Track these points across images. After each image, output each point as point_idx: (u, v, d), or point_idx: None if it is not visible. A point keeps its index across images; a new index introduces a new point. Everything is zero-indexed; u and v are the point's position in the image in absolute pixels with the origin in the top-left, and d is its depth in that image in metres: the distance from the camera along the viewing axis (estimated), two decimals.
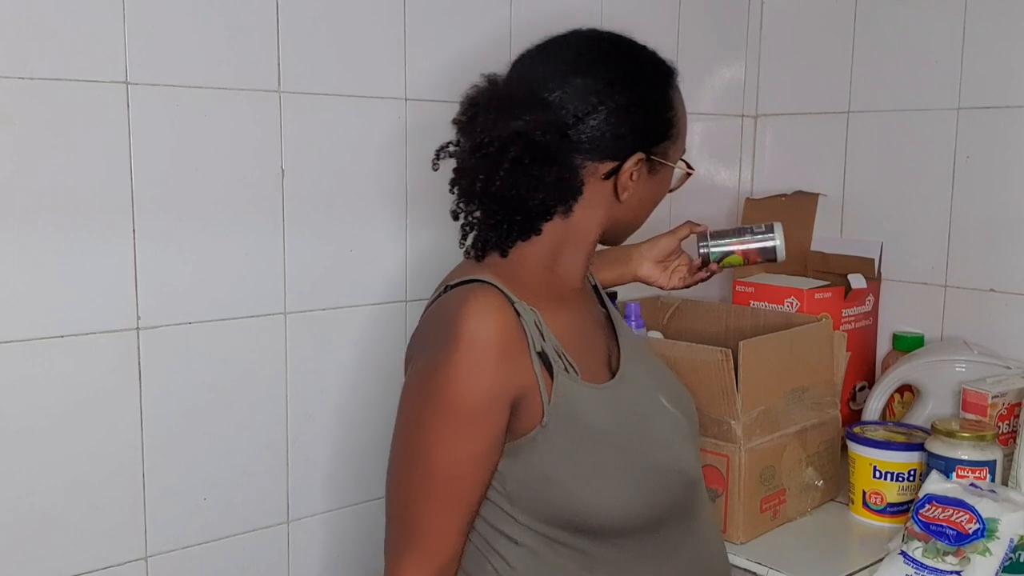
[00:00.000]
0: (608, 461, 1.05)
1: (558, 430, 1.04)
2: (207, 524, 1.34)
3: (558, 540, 1.06)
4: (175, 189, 1.26)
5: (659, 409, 1.14)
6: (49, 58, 1.14)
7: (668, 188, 1.18)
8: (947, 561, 1.22)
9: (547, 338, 1.05)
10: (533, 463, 1.04)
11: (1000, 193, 1.67)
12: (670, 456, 1.11)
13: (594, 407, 1.07)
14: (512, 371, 1.02)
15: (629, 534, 1.07)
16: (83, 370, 1.21)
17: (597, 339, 1.16)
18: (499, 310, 1.03)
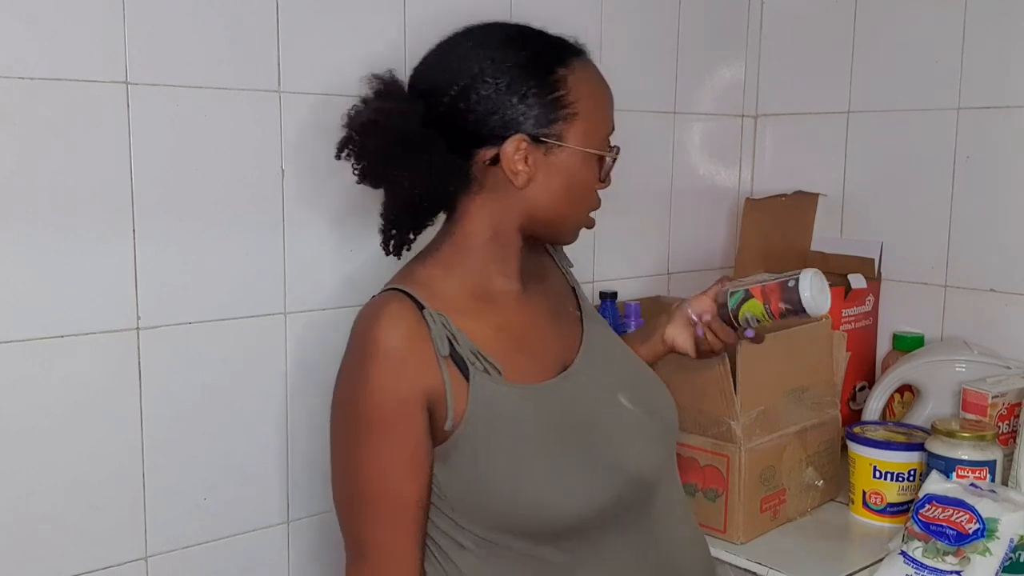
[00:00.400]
0: (536, 462, 1.04)
1: (478, 433, 1.04)
2: (207, 524, 1.34)
3: (502, 544, 1.05)
4: (175, 189, 1.26)
5: (612, 407, 1.12)
6: (49, 58, 1.14)
7: (591, 174, 1.10)
8: (947, 561, 1.22)
9: (461, 341, 1.05)
10: (461, 468, 1.05)
11: (1000, 193, 1.67)
12: (613, 456, 1.08)
13: (520, 407, 1.06)
14: (418, 376, 1.02)
15: (571, 536, 1.05)
16: (83, 370, 1.21)
17: (544, 338, 1.14)
18: (402, 318, 1.04)
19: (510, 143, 1.05)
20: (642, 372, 1.21)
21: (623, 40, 1.76)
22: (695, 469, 1.42)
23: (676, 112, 1.89)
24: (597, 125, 1.10)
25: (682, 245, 1.94)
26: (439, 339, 1.03)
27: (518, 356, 1.10)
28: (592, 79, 1.12)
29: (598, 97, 1.12)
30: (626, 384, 1.16)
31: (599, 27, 1.72)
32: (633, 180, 1.83)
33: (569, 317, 1.20)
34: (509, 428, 1.05)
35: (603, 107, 1.12)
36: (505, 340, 1.10)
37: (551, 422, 1.07)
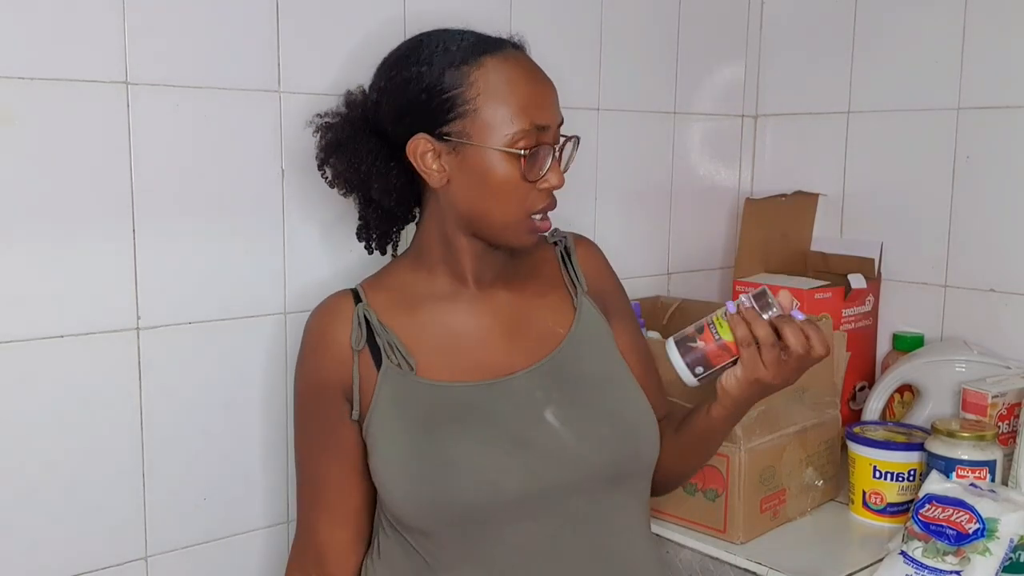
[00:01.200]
0: (408, 452, 1.08)
1: (379, 423, 1.10)
2: (207, 524, 1.34)
3: (399, 532, 1.12)
4: (175, 189, 1.26)
5: (531, 421, 1.10)
6: (49, 58, 1.14)
7: (512, 171, 1.06)
8: (947, 561, 1.22)
9: (381, 335, 1.11)
10: (371, 455, 1.11)
11: (1000, 193, 1.67)
12: (484, 465, 1.07)
13: (420, 401, 1.10)
14: (332, 366, 1.12)
15: (427, 534, 1.09)
16: (83, 370, 1.21)
17: (485, 344, 1.14)
18: (330, 312, 1.15)
19: (412, 143, 1.09)
20: (606, 407, 1.15)
21: (623, 40, 1.76)
22: None
23: (676, 112, 1.89)
24: (503, 120, 1.06)
25: (682, 245, 1.94)
26: (355, 332, 1.11)
27: (447, 355, 1.13)
28: (503, 74, 1.07)
29: (507, 92, 1.06)
30: (566, 406, 1.12)
31: (599, 27, 1.72)
32: (633, 180, 1.84)
33: (542, 331, 1.17)
34: (405, 421, 1.09)
35: (512, 102, 1.06)
36: (439, 338, 1.14)
37: (439, 418, 1.09)
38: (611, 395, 1.17)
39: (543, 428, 1.10)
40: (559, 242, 1.26)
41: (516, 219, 1.10)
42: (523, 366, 1.14)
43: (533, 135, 1.07)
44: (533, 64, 1.11)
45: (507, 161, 1.06)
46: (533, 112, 1.07)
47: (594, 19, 1.71)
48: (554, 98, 1.11)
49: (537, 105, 1.08)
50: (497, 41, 1.11)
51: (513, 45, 1.12)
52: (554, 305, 1.21)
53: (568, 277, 1.24)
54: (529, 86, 1.08)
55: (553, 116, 1.10)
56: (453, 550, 1.09)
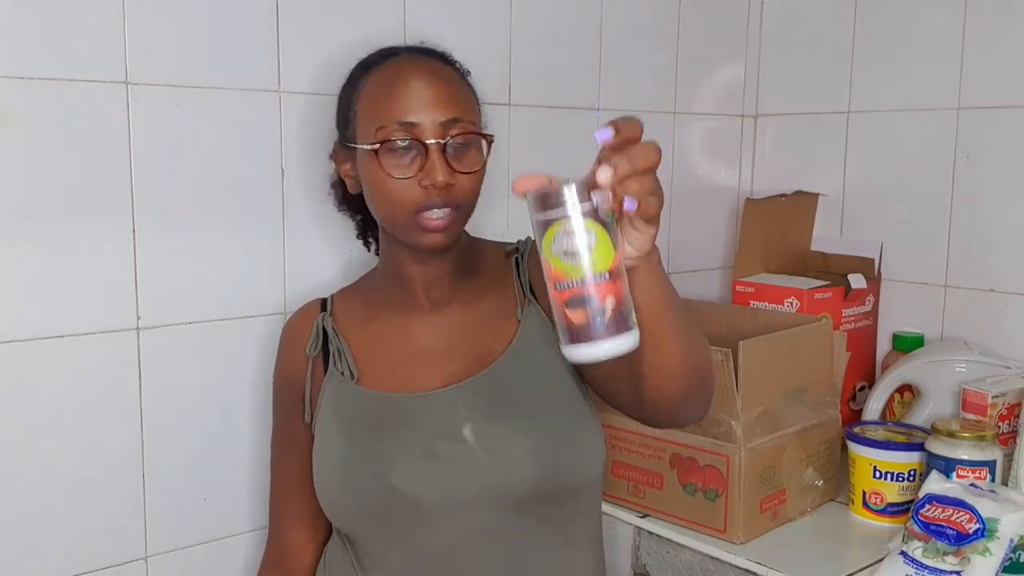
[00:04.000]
0: (334, 455, 1.14)
1: (321, 425, 1.16)
2: (207, 524, 1.34)
3: (338, 532, 1.19)
4: (175, 189, 1.26)
5: (448, 433, 1.10)
6: (49, 58, 1.14)
7: (379, 168, 1.07)
8: (947, 561, 1.22)
9: (333, 343, 1.18)
10: (313, 451, 1.17)
11: (1000, 193, 1.67)
12: (387, 471, 1.08)
13: (352, 405, 1.15)
14: (292, 369, 1.21)
15: (351, 535, 1.16)
16: (83, 370, 1.21)
17: (427, 356, 1.15)
18: (300, 317, 1.23)
19: (333, 152, 1.18)
20: (529, 427, 1.10)
21: (623, 40, 1.76)
22: (695, 469, 1.42)
23: (676, 112, 1.89)
24: (370, 121, 1.08)
25: (682, 245, 1.94)
26: (311, 340, 1.19)
27: (387, 367, 1.16)
28: (379, 79, 1.09)
29: (376, 94, 1.09)
30: (485, 423, 1.10)
31: (599, 27, 1.72)
32: None
33: (481, 349, 1.15)
34: (338, 426, 1.14)
35: (378, 103, 1.08)
36: (384, 349, 1.17)
37: (371, 427, 1.13)
38: (540, 414, 1.12)
39: (456, 443, 1.09)
40: (513, 251, 1.22)
41: (404, 218, 1.08)
42: (454, 381, 1.14)
43: (396, 132, 1.06)
44: (419, 66, 1.09)
45: (373, 159, 1.07)
46: (396, 111, 1.06)
47: (594, 19, 1.71)
48: (431, 96, 1.06)
49: (404, 104, 1.06)
50: (392, 50, 1.14)
51: (410, 51, 1.14)
52: (498, 321, 1.17)
53: (515, 286, 1.19)
54: (399, 87, 1.07)
55: (425, 113, 1.06)
56: (375, 551, 1.14)
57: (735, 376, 1.36)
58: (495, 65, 1.55)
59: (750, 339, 1.39)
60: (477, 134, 1.09)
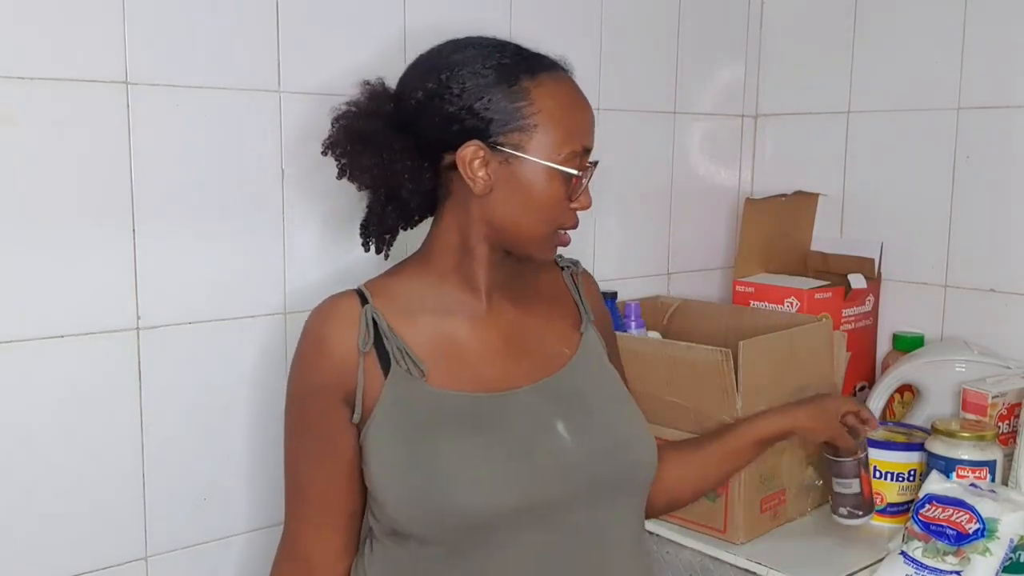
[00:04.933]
0: (409, 459, 1.07)
1: (383, 427, 1.09)
2: (207, 524, 1.34)
3: (391, 539, 1.11)
4: (175, 189, 1.26)
5: (543, 429, 1.10)
6: (49, 58, 1.14)
7: (557, 190, 1.09)
8: (947, 561, 1.22)
9: (390, 339, 1.10)
10: (367, 459, 1.10)
11: (1000, 193, 1.67)
12: (485, 474, 1.06)
13: (425, 406, 1.09)
14: (334, 369, 1.09)
15: (422, 542, 1.08)
16: (83, 370, 1.21)
17: (492, 358, 1.14)
18: (335, 313, 1.11)
19: (466, 148, 1.07)
20: (609, 423, 1.16)
21: (623, 40, 1.76)
22: None
23: (676, 112, 1.89)
24: (560, 140, 1.08)
25: (682, 245, 1.94)
26: (363, 334, 1.09)
27: (452, 364, 1.12)
28: (560, 94, 1.10)
29: (564, 112, 1.09)
30: (573, 418, 1.12)
31: (599, 27, 1.72)
32: (633, 180, 1.84)
33: (546, 352, 1.18)
34: (408, 427, 1.08)
35: (568, 123, 1.09)
36: (442, 347, 1.13)
37: (452, 428, 1.08)
38: (613, 412, 1.18)
39: (550, 438, 1.10)
40: (567, 267, 1.28)
41: (546, 233, 1.12)
42: (525, 382, 1.14)
43: (581, 157, 1.10)
44: (579, 87, 1.14)
45: (556, 178, 1.08)
46: (583, 135, 1.11)
47: (594, 19, 1.71)
48: (591, 122, 1.14)
49: (586, 129, 1.12)
50: (548, 60, 1.12)
51: (562, 67, 1.13)
52: (560, 327, 1.22)
53: (576, 302, 1.25)
54: (579, 110, 1.12)
55: (591, 138, 1.13)
56: (446, 559, 1.08)
57: (735, 376, 1.36)
58: None
59: (750, 339, 1.39)
60: (597, 162, 1.14)
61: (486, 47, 1.11)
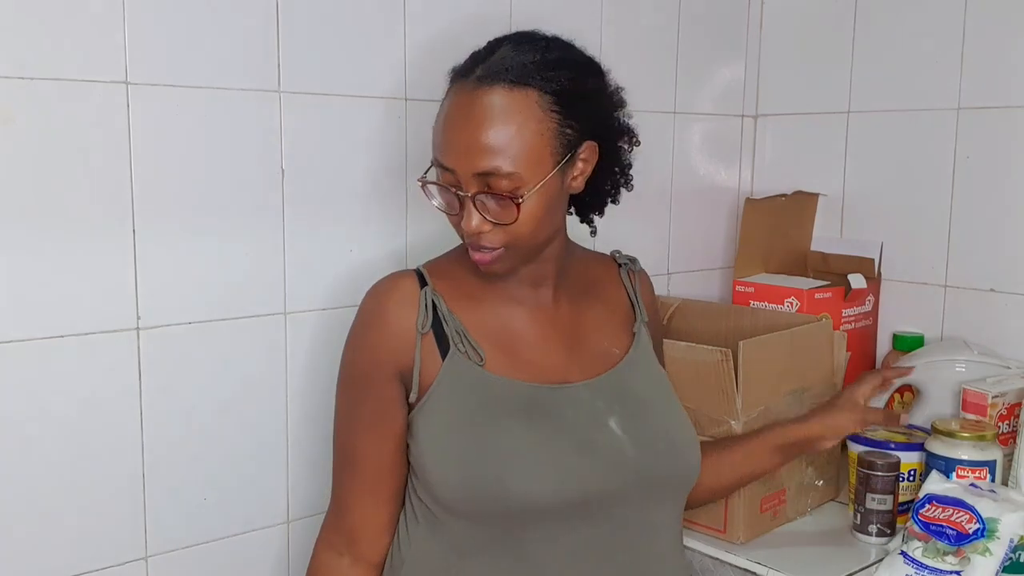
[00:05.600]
0: (466, 440, 1.08)
1: (438, 408, 1.10)
2: (207, 524, 1.34)
3: (439, 519, 1.11)
4: (175, 189, 1.26)
5: (594, 424, 1.11)
6: (49, 58, 1.14)
7: (436, 198, 1.11)
8: (947, 561, 1.22)
9: (450, 322, 1.11)
10: (419, 437, 1.11)
11: (1000, 193, 1.67)
12: (549, 462, 1.07)
13: (484, 391, 1.10)
14: (392, 346, 1.11)
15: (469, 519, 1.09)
16: (83, 370, 1.21)
17: (547, 350, 1.15)
18: (395, 291, 1.13)
19: None
20: (659, 424, 1.17)
21: (623, 40, 1.76)
22: None
23: (676, 112, 1.89)
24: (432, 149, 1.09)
25: (682, 245, 1.94)
26: (422, 315, 1.10)
27: (509, 352, 1.13)
28: (447, 106, 1.07)
29: (438, 124, 1.08)
30: (626, 417, 1.14)
31: (599, 27, 1.72)
32: (633, 180, 1.84)
33: (600, 349, 1.19)
34: (467, 410, 1.09)
35: (436, 134, 1.08)
36: (500, 334, 1.14)
37: (514, 414, 1.09)
38: (662, 415, 1.19)
39: (607, 434, 1.12)
40: (624, 264, 1.29)
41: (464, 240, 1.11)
42: (580, 378, 1.15)
43: (438, 168, 1.08)
44: (473, 105, 1.04)
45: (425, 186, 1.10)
46: (439, 149, 1.07)
47: (594, 19, 1.71)
48: (467, 145, 1.03)
49: (447, 143, 1.06)
50: (470, 71, 1.07)
51: (486, 68, 1.05)
52: (613, 326, 1.23)
53: (631, 301, 1.26)
54: (448, 126, 1.06)
55: (457, 161, 1.04)
56: (488, 538, 1.09)
57: (735, 376, 1.36)
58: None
59: (750, 339, 1.39)
60: (502, 196, 1.03)
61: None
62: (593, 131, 1.10)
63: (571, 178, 1.10)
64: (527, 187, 1.03)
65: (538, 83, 1.04)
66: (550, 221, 1.10)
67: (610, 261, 1.30)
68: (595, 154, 1.12)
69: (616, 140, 1.17)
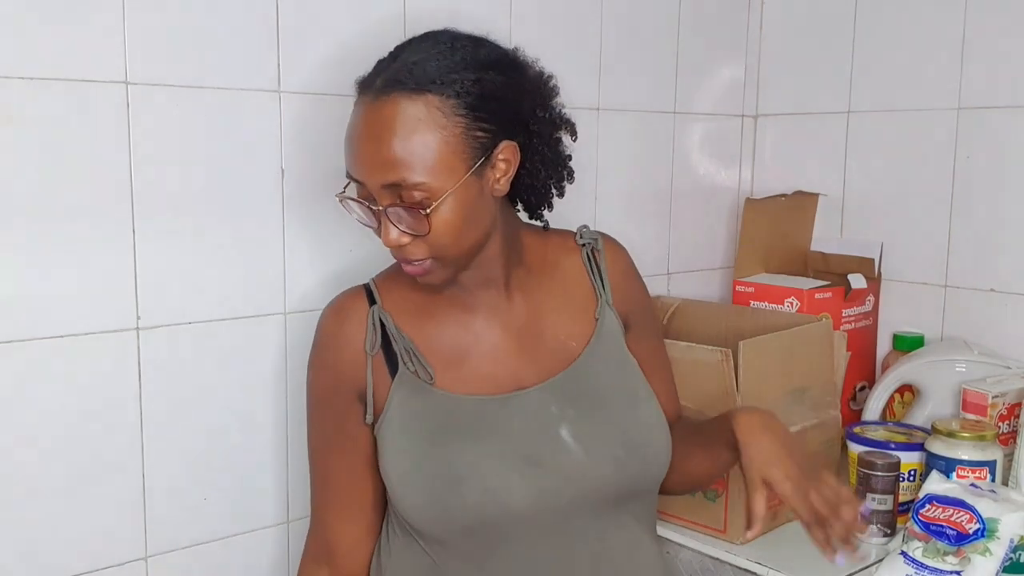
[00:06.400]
0: (419, 463, 1.08)
1: (393, 429, 1.10)
2: (207, 524, 1.34)
3: (412, 537, 1.12)
4: (175, 189, 1.26)
5: (545, 435, 1.09)
6: (49, 58, 1.14)
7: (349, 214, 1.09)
8: (947, 561, 1.22)
9: (398, 340, 1.10)
10: (383, 457, 1.11)
11: (1000, 193, 1.67)
12: (495, 481, 1.06)
13: (433, 410, 1.09)
14: (344, 368, 1.11)
15: (438, 541, 1.09)
16: (83, 370, 1.21)
17: (499, 354, 1.13)
18: (342, 312, 1.13)
19: None
20: (619, 425, 1.13)
21: (623, 40, 1.76)
22: None
23: (676, 112, 1.89)
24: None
25: (682, 245, 1.94)
26: (371, 336, 1.10)
27: (460, 366, 1.12)
28: (352, 119, 1.05)
29: (346, 137, 1.06)
30: (580, 423, 1.11)
31: (599, 27, 1.72)
32: (633, 180, 1.84)
33: (556, 345, 1.16)
34: (417, 431, 1.09)
35: (346, 148, 1.05)
36: (451, 348, 1.12)
37: (450, 428, 1.09)
38: (624, 412, 1.15)
39: (556, 446, 1.09)
40: (587, 244, 1.22)
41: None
42: (535, 380, 1.13)
43: (352, 182, 1.05)
44: (374, 117, 1.02)
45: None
46: (349, 160, 1.05)
47: (594, 19, 1.71)
48: (371, 157, 1.01)
49: (353, 156, 1.04)
50: (372, 82, 1.04)
51: (379, 89, 1.02)
52: (572, 315, 1.18)
53: (592, 284, 1.20)
54: (351, 133, 1.04)
55: (364, 174, 1.02)
56: (461, 557, 1.10)
57: (735, 376, 1.36)
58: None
59: (750, 339, 1.39)
60: (411, 207, 1.00)
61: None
62: (510, 130, 1.05)
63: (493, 181, 1.05)
64: (437, 196, 1.00)
65: (438, 88, 1.00)
66: (473, 227, 1.05)
67: (572, 241, 1.22)
68: (516, 154, 1.06)
69: (546, 134, 1.10)
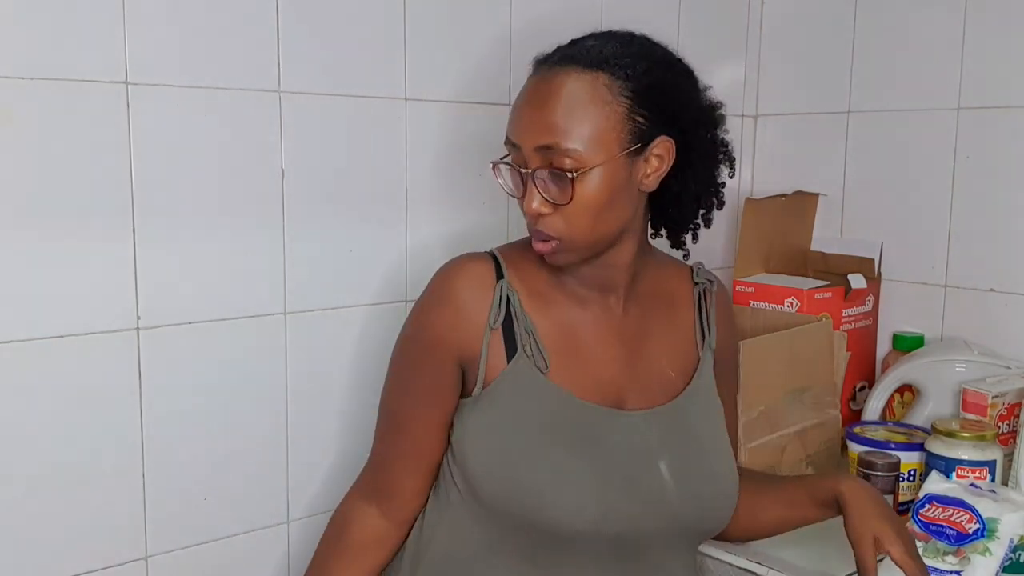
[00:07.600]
0: (515, 451, 1.07)
1: (496, 407, 1.08)
2: (207, 524, 1.34)
3: (472, 509, 1.11)
4: (175, 189, 1.26)
5: (644, 464, 1.10)
6: (49, 58, 1.14)
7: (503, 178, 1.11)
8: (947, 561, 1.22)
9: (522, 322, 1.09)
10: (467, 426, 1.10)
11: (1000, 193, 1.67)
12: (593, 494, 1.07)
13: (543, 404, 1.08)
14: (459, 332, 1.09)
15: (502, 525, 1.09)
16: (83, 370, 1.21)
17: (609, 362, 1.13)
18: (473, 278, 1.10)
19: None
20: (709, 469, 1.16)
21: None
22: None
23: None
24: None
25: None
26: (495, 310, 1.08)
27: (571, 361, 1.11)
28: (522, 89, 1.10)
29: (513, 105, 1.11)
30: (678, 459, 1.12)
31: (599, 27, 1.72)
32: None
33: (660, 372, 1.17)
34: (522, 419, 1.08)
35: (511, 113, 1.10)
36: (565, 340, 1.11)
37: (568, 435, 1.08)
38: (711, 457, 1.17)
39: (653, 476, 1.10)
40: (700, 283, 1.25)
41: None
42: (638, 402, 1.14)
43: (509, 148, 1.09)
44: (543, 85, 1.06)
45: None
46: (510, 125, 1.09)
47: (594, 19, 1.71)
48: (531, 120, 1.06)
49: (514, 120, 1.09)
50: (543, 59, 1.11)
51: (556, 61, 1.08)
52: (675, 347, 1.19)
53: (700, 324, 1.22)
54: (520, 104, 1.09)
55: (521, 135, 1.06)
56: (514, 542, 1.09)
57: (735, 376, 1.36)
58: (494, 65, 1.55)
59: (750, 339, 1.39)
60: (560, 172, 1.03)
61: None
62: (669, 127, 1.08)
63: (643, 174, 1.07)
64: (587, 167, 1.02)
65: (610, 68, 1.06)
66: (612, 213, 1.06)
67: (687, 276, 1.26)
68: (671, 152, 1.08)
69: (703, 151, 1.13)
